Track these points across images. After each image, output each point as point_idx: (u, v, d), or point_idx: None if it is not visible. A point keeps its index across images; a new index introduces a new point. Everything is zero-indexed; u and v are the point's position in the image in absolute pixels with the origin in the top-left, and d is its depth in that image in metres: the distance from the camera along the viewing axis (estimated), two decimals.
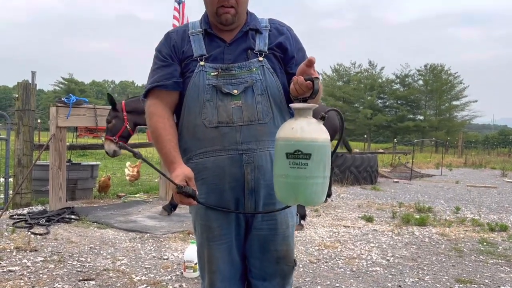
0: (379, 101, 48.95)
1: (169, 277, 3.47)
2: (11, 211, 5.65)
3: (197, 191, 1.65)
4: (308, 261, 4.00)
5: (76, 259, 3.82)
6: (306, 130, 1.50)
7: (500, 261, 4.24)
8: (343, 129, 1.93)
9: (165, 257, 3.96)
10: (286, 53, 1.80)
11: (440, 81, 45.73)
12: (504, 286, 3.56)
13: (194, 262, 3.41)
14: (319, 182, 1.52)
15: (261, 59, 1.76)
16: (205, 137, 1.72)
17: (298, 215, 1.93)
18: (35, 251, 3.99)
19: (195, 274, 3.42)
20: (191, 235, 4.67)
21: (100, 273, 3.49)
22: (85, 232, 4.75)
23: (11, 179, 6.25)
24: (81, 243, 4.31)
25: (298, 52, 1.82)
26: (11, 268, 3.53)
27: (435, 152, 28.45)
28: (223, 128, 1.70)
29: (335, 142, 3.22)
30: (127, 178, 8.77)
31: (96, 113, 6.10)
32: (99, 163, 8.13)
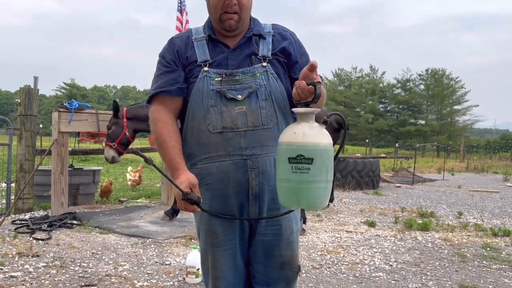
0: (381, 105, 49.02)
1: (171, 283, 3.46)
2: (13, 216, 5.64)
3: (201, 198, 1.65)
4: (310, 267, 3.98)
5: (78, 264, 3.81)
6: (308, 134, 1.50)
7: (503, 266, 4.22)
8: (346, 133, 1.93)
9: (167, 263, 3.94)
10: (289, 58, 1.80)
11: (441, 85, 45.78)
12: None
13: (196, 267, 3.40)
14: (322, 186, 1.52)
15: (265, 64, 1.76)
16: (209, 143, 1.72)
17: (302, 220, 1.92)
18: (37, 256, 3.98)
19: (198, 279, 3.41)
20: (193, 240, 4.66)
21: (102, 279, 3.48)
22: (87, 237, 4.74)
23: (13, 184, 6.26)
24: (83, 248, 4.30)
25: (301, 57, 1.82)
26: (13, 273, 3.52)
27: (437, 156, 28.42)
28: (228, 133, 1.70)
29: (337, 147, 3.22)
30: (129, 183, 8.73)
31: (98, 118, 6.10)
32: (101, 168, 8.13)
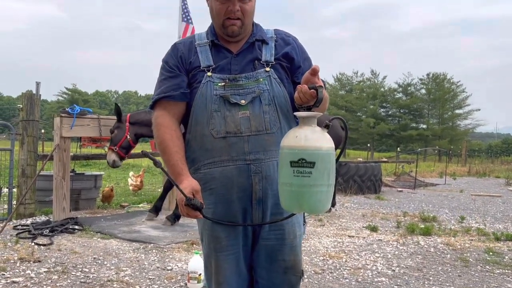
0: (382, 110, 49.00)
1: None
2: (15, 221, 5.64)
3: (204, 205, 1.65)
4: (313, 272, 3.97)
5: (79, 270, 3.81)
6: (310, 138, 1.50)
7: (506, 271, 4.20)
8: (347, 138, 1.93)
9: (169, 268, 3.94)
10: (292, 63, 1.81)
11: (442, 89, 45.78)
12: None
13: (198, 272, 3.39)
14: (324, 190, 1.52)
15: (268, 69, 1.77)
16: (213, 147, 1.72)
17: (305, 225, 1.92)
18: (39, 262, 3.97)
19: (200, 285, 3.40)
20: (194, 245, 4.65)
21: (104, 284, 3.47)
22: (89, 242, 4.74)
23: (15, 190, 6.26)
24: (84, 253, 4.30)
25: (304, 61, 1.83)
26: (15, 279, 3.52)
27: (439, 161, 28.37)
28: (231, 138, 1.70)
29: (338, 150, 3.21)
30: (131, 188, 8.76)
31: (100, 123, 6.11)
32: (102, 173, 8.13)
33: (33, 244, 4.55)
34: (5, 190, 6.42)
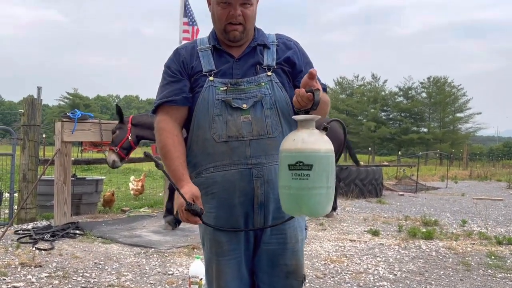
0: (383, 113, 48.96)
1: None
2: (16, 226, 5.64)
3: (204, 210, 1.65)
4: (314, 276, 3.96)
5: (80, 274, 3.80)
6: (307, 141, 1.50)
7: (509, 275, 4.18)
8: (346, 140, 1.93)
9: (170, 273, 3.93)
10: (294, 67, 1.81)
11: (443, 93, 45.74)
12: None
13: (199, 277, 3.37)
14: (323, 192, 1.51)
15: (269, 73, 1.78)
16: (214, 152, 1.72)
17: (306, 229, 1.91)
18: (40, 266, 3.97)
19: None
20: (196, 250, 4.64)
21: None
22: (90, 247, 4.73)
23: (16, 194, 6.26)
24: (85, 258, 4.29)
25: (306, 66, 1.83)
26: (16, 284, 3.51)
27: (440, 164, 28.33)
28: (233, 142, 1.70)
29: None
30: (132, 192, 8.76)
31: (101, 127, 6.12)
32: (103, 177, 8.13)
33: (34, 249, 4.54)
34: (6, 195, 6.42)
